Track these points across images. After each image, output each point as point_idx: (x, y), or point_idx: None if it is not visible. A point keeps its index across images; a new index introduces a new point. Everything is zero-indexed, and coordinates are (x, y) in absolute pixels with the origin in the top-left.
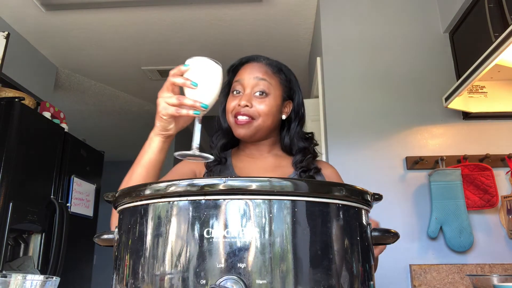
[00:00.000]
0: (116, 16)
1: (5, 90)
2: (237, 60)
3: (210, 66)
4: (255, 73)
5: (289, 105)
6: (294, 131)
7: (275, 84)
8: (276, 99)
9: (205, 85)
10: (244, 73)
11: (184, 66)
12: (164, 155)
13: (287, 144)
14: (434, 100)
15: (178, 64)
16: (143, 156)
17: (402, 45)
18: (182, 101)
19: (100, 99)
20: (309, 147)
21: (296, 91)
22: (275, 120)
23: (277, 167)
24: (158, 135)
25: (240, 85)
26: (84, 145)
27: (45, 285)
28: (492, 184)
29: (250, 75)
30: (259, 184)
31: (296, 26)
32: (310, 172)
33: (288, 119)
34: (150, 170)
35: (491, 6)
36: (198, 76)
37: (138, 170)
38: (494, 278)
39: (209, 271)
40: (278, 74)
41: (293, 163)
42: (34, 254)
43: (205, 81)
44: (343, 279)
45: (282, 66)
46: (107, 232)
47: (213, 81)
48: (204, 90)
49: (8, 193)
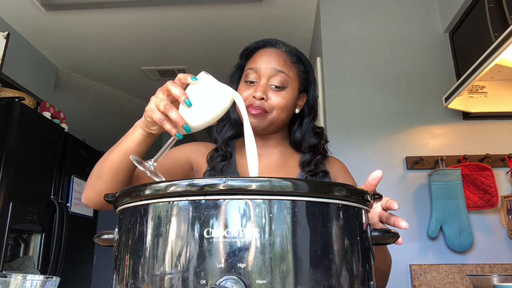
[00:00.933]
0: (116, 16)
1: (5, 90)
2: (253, 42)
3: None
4: (273, 62)
5: (303, 98)
6: (307, 126)
7: (293, 76)
8: (293, 92)
9: (201, 109)
10: (261, 60)
11: (192, 78)
12: (144, 148)
13: (298, 140)
14: (434, 100)
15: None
16: (123, 142)
17: (402, 45)
18: (168, 114)
19: (100, 99)
20: (319, 145)
21: (312, 83)
22: (290, 114)
23: (283, 167)
24: (141, 128)
25: (255, 74)
26: (84, 145)
27: (45, 285)
28: (492, 184)
29: (268, 65)
30: (259, 184)
31: (296, 26)
32: (317, 176)
33: (301, 113)
34: (126, 157)
35: (491, 6)
36: (199, 97)
37: (114, 153)
38: (494, 278)
39: (209, 271)
40: (297, 64)
41: (300, 162)
42: (34, 254)
43: (204, 106)
44: (343, 279)
45: (301, 55)
46: (107, 232)
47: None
48: (198, 114)
49: (8, 193)
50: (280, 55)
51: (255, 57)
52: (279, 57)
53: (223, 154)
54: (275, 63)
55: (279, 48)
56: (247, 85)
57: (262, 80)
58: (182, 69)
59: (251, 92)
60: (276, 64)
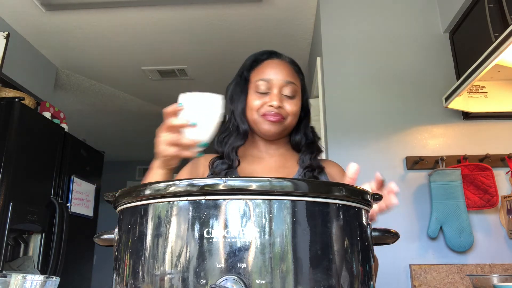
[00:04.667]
0: (116, 16)
1: (5, 90)
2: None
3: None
4: (283, 74)
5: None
6: (305, 127)
7: (298, 85)
8: (300, 98)
9: (205, 121)
10: (270, 72)
11: (179, 105)
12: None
13: (298, 140)
14: (434, 100)
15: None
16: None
17: (402, 45)
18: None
19: (100, 99)
20: (315, 142)
21: (305, 87)
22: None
23: (281, 168)
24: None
25: (267, 84)
26: (84, 145)
27: (45, 285)
28: (492, 184)
29: (278, 76)
30: (259, 184)
31: (296, 26)
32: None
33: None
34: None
35: (491, 6)
36: (196, 113)
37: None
38: (494, 278)
39: (209, 271)
40: (298, 74)
41: (299, 160)
42: (34, 254)
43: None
44: (343, 279)
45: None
46: (107, 232)
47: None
48: (205, 127)
49: (8, 193)
50: (287, 67)
51: (262, 69)
52: (287, 68)
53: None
54: (285, 74)
55: (283, 60)
56: (259, 95)
57: (274, 90)
58: (182, 69)
59: (265, 101)
60: (286, 75)
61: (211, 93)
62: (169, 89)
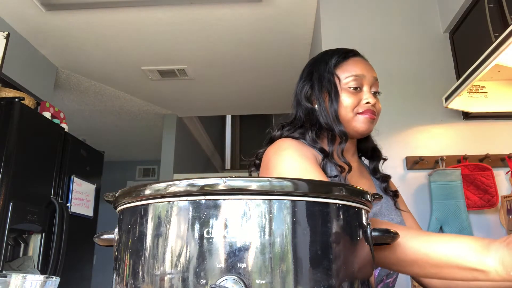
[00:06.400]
0: (116, 16)
1: (5, 90)
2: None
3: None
4: (372, 71)
5: None
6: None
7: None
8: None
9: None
10: (362, 69)
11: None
12: None
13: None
14: (434, 100)
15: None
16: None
17: (402, 45)
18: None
19: (100, 99)
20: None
21: None
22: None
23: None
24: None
25: (359, 81)
26: (84, 145)
27: (45, 285)
28: (492, 184)
29: (369, 73)
30: (259, 184)
31: (296, 26)
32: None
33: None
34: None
35: (491, 6)
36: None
37: None
38: None
39: (209, 271)
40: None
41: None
42: (34, 254)
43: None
44: (343, 279)
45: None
46: (107, 232)
47: None
48: None
49: (8, 193)
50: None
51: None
52: (370, 66)
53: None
54: (373, 71)
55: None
56: (354, 92)
57: (365, 87)
58: (182, 69)
59: (361, 98)
60: (374, 72)
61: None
62: (169, 89)
